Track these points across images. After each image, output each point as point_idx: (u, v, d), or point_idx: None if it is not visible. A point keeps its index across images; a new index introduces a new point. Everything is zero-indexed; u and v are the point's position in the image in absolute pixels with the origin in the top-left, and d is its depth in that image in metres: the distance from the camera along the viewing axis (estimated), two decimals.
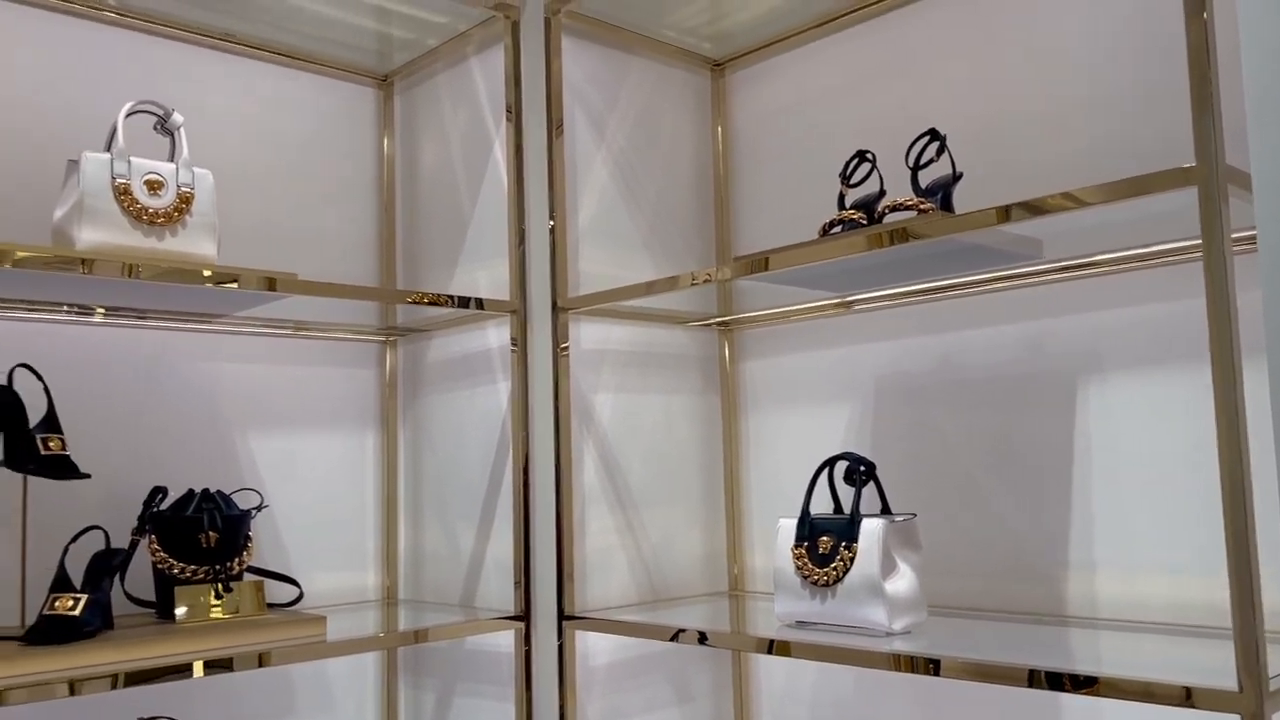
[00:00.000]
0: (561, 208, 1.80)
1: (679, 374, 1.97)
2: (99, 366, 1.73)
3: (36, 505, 1.64)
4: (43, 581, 1.62)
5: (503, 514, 1.85)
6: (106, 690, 1.64)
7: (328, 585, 1.97)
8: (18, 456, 1.48)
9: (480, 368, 1.92)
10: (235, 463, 1.87)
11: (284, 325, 1.92)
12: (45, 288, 1.52)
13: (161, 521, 1.59)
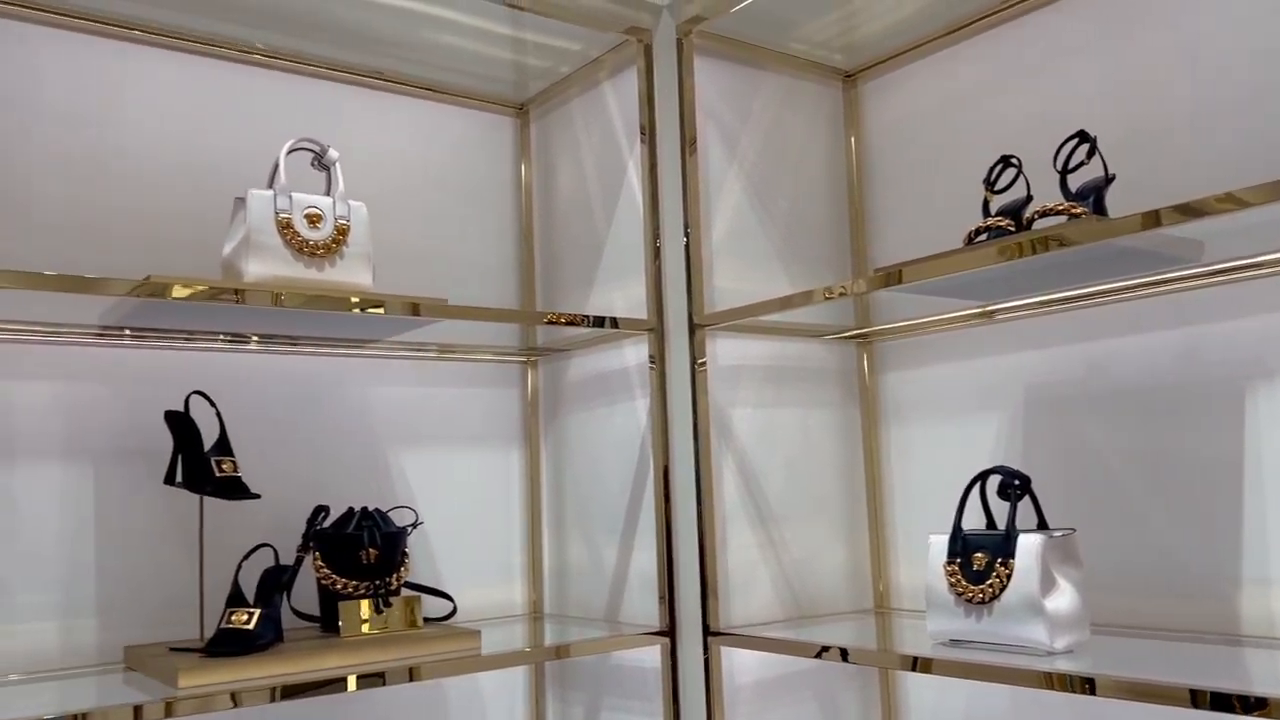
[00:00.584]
0: (696, 224, 1.82)
1: (817, 387, 1.96)
2: (265, 392, 1.83)
3: (211, 524, 1.74)
4: (218, 596, 1.71)
5: (644, 529, 1.87)
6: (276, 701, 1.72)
7: (477, 600, 2.02)
8: (195, 478, 1.58)
9: (619, 385, 1.95)
10: (390, 481, 1.94)
11: (429, 348, 2.00)
12: (217, 319, 1.61)
13: (324, 539, 1.67)
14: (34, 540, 1.60)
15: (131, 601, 1.66)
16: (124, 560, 1.67)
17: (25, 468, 1.60)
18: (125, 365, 1.71)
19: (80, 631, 1.62)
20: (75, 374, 1.66)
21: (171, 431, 1.61)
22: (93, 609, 1.63)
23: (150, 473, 1.70)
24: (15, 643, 1.57)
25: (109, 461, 1.67)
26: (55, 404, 1.64)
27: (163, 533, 1.70)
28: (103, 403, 1.68)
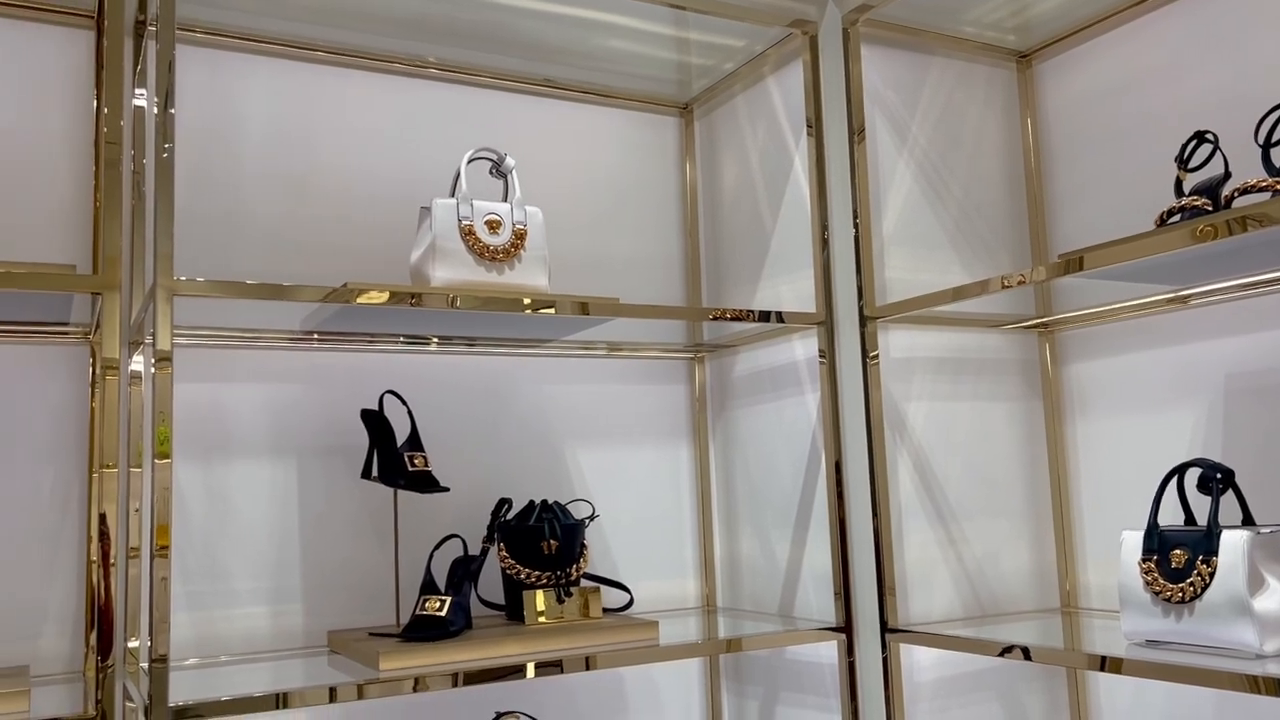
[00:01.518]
0: (865, 215, 1.80)
1: (996, 380, 1.90)
2: (448, 391, 1.91)
3: (404, 516, 1.84)
4: (412, 584, 1.81)
5: (817, 525, 1.86)
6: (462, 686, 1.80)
7: (651, 592, 2.06)
8: (390, 472, 1.68)
9: (787, 380, 1.94)
10: (566, 475, 2.00)
11: (599, 346, 2.05)
12: (405, 322, 1.70)
13: (508, 530, 1.74)
14: (246, 531, 1.73)
15: (333, 589, 1.78)
16: (325, 550, 1.78)
17: (238, 465, 1.74)
18: (323, 368, 1.82)
19: (288, 616, 1.74)
20: (279, 377, 1.79)
21: (367, 429, 1.71)
22: (299, 595, 1.75)
23: (348, 468, 1.81)
24: (232, 626, 1.70)
25: (311, 458, 1.79)
26: (262, 405, 1.77)
27: (360, 524, 1.81)
28: (304, 403, 1.80)
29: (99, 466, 1.51)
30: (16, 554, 1.57)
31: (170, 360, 1.30)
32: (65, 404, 1.63)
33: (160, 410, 1.29)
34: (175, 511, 1.67)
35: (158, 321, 1.31)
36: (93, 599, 1.58)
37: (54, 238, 1.65)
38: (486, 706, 1.86)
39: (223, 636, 1.69)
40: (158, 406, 1.29)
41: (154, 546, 1.27)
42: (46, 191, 1.66)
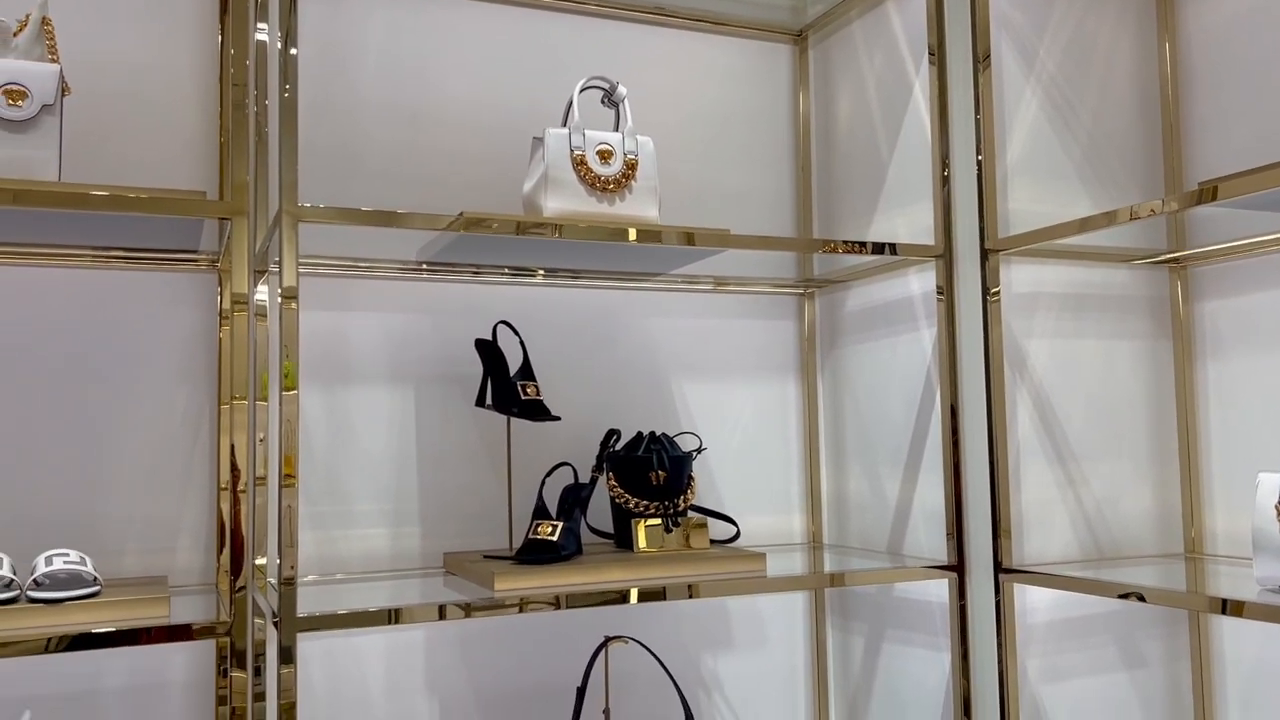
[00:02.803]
0: (989, 144, 1.73)
1: (1123, 317, 1.82)
2: (558, 324, 1.93)
3: (516, 444, 1.87)
4: (523, 509, 1.84)
5: (929, 463, 1.83)
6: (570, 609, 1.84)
7: (756, 528, 2.06)
8: (503, 401, 1.71)
9: (901, 316, 1.90)
10: (673, 409, 2.01)
11: (705, 281, 2.03)
12: (518, 252, 1.72)
13: (617, 460, 1.75)
14: (367, 456, 1.78)
15: (448, 513, 1.82)
16: (441, 476, 1.83)
17: (358, 392, 1.79)
18: (437, 298, 1.85)
19: (406, 539, 1.80)
20: (396, 307, 1.83)
21: (481, 358, 1.74)
22: (416, 518, 1.81)
23: (463, 396, 1.85)
24: (353, 546, 1.77)
25: (427, 386, 1.83)
26: (379, 334, 1.81)
27: (474, 451, 1.85)
28: (419, 333, 1.84)
29: (229, 398, 1.58)
30: (153, 472, 1.66)
31: (296, 296, 1.34)
32: (194, 330, 1.70)
33: (287, 344, 1.33)
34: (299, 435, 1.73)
35: (283, 248, 1.34)
36: (223, 522, 1.66)
37: (183, 169, 1.71)
38: (595, 631, 1.90)
39: (343, 556, 1.75)
40: (284, 341, 1.33)
41: (281, 477, 1.32)
42: (177, 125, 1.71)
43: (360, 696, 1.75)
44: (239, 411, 1.40)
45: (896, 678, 1.90)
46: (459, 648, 1.82)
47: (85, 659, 1.60)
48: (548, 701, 1.86)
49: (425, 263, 1.81)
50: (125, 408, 1.65)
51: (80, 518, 1.60)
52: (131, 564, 1.63)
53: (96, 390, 1.63)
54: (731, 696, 2.01)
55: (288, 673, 1.30)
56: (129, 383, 1.65)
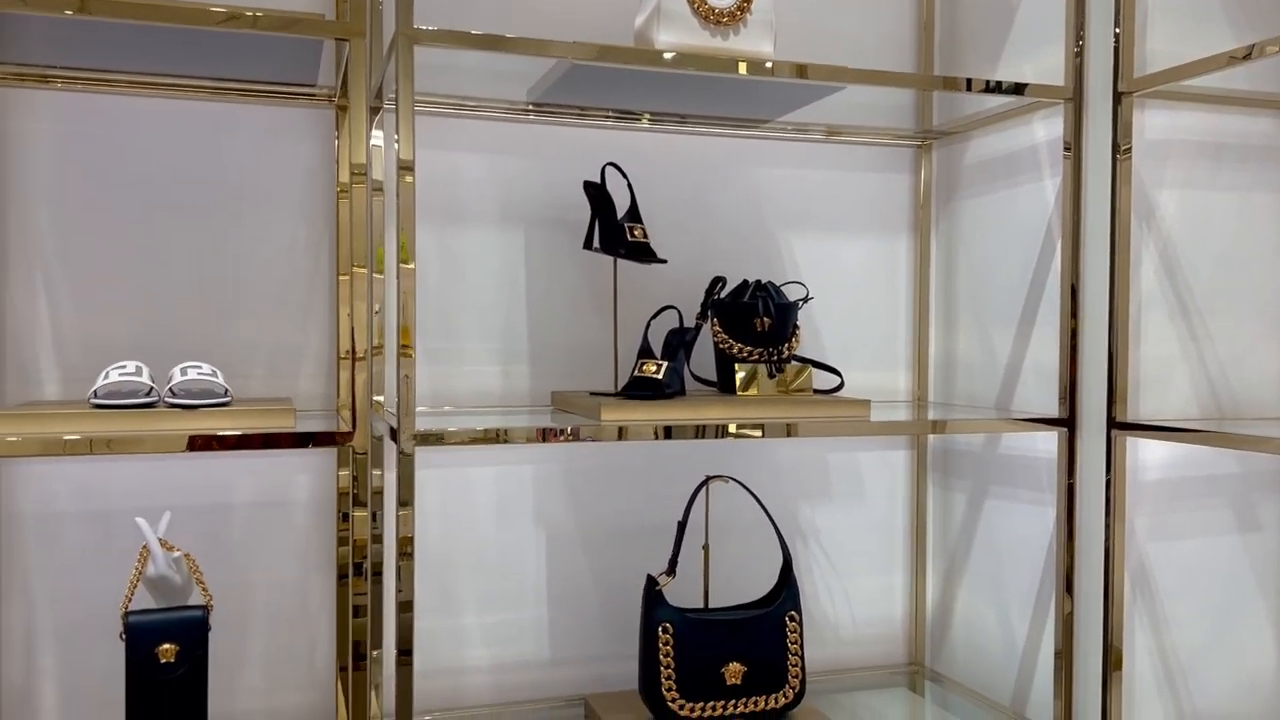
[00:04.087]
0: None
1: (1264, 168, 1.72)
2: (665, 169, 1.91)
3: (621, 287, 1.88)
4: (628, 351, 1.86)
5: (1045, 319, 1.78)
6: (682, 446, 1.87)
7: (859, 383, 2.05)
8: (610, 242, 1.71)
9: (1024, 166, 1.83)
10: (779, 259, 1.99)
11: (816, 129, 1.98)
12: (627, 93, 1.70)
13: (722, 307, 1.75)
14: (478, 295, 1.82)
15: (555, 353, 1.86)
16: (549, 316, 1.86)
17: (470, 232, 1.81)
18: (545, 140, 1.85)
19: (515, 377, 1.85)
20: (505, 148, 1.83)
21: (589, 199, 1.74)
22: (525, 357, 1.85)
23: (570, 239, 1.86)
24: (465, 382, 1.82)
25: (535, 228, 1.85)
26: (489, 175, 1.82)
27: (580, 293, 1.87)
28: (527, 174, 1.84)
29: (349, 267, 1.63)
30: (276, 301, 1.72)
31: (412, 169, 1.35)
32: (312, 165, 1.74)
33: (403, 214, 1.35)
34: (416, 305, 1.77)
35: (399, 73, 1.35)
36: (338, 354, 1.73)
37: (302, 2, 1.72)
38: (696, 472, 1.94)
39: (455, 391, 1.81)
40: (401, 212, 1.35)
41: (399, 348, 1.35)
42: None
43: (469, 529, 1.82)
44: (359, 281, 1.42)
45: (997, 533, 1.89)
46: (564, 484, 1.87)
47: (216, 474, 1.70)
48: (648, 537, 1.91)
49: (534, 103, 1.80)
50: (249, 239, 1.71)
51: (210, 340, 1.69)
52: (256, 388, 1.71)
53: (221, 220, 1.70)
54: (828, 546, 2.03)
55: (405, 475, 1.36)
56: (252, 215, 1.71)
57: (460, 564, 1.82)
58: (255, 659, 1.73)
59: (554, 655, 1.87)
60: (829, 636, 2.03)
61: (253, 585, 1.72)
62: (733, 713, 1.65)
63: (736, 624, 1.67)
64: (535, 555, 1.86)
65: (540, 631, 1.87)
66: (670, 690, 1.63)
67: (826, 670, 2.02)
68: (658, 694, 1.63)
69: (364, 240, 1.40)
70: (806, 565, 2.02)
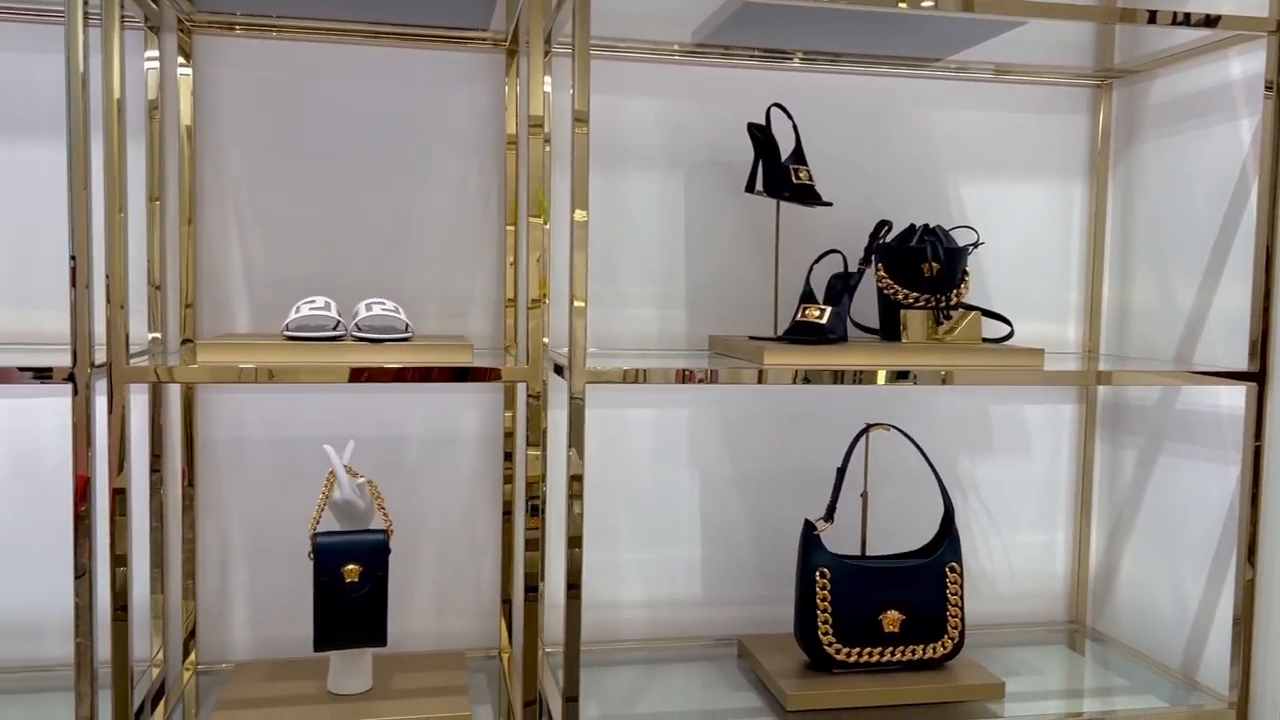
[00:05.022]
0: None
1: None
2: (832, 112, 1.88)
3: (783, 231, 1.87)
4: (788, 296, 1.85)
5: (1234, 268, 1.68)
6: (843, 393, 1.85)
7: (1029, 333, 1.98)
8: (774, 185, 1.70)
9: (1215, 106, 1.71)
10: (946, 204, 1.93)
11: (984, 68, 1.90)
12: (794, 33, 1.67)
13: (888, 251, 1.72)
14: (637, 239, 1.84)
15: (714, 297, 1.86)
16: (708, 260, 1.86)
17: (630, 175, 1.83)
18: (708, 83, 1.84)
19: (672, 321, 1.86)
20: (668, 91, 1.83)
21: (753, 141, 1.73)
22: (682, 302, 1.86)
23: (731, 182, 1.85)
24: (624, 326, 1.84)
25: (697, 171, 1.84)
26: (652, 118, 1.83)
27: (740, 237, 1.86)
28: (690, 117, 1.84)
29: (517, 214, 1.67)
30: (448, 244, 1.78)
31: (587, 119, 1.36)
32: (483, 111, 1.77)
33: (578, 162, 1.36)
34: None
35: (576, 20, 1.36)
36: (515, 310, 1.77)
37: None
38: (855, 420, 1.92)
39: (614, 333, 1.84)
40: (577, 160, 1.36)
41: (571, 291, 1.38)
42: None
43: (626, 468, 1.86)
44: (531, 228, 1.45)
45: (1171, 493, 1.82)
46: (720, 428, 1.89)
47: (392, 408, 1.78)
48: (802, 483, 1.91)
49: (699, 45, 1.79)
50: (421, 181, 1.76)
51: (387, 280, 1.75)
52: (429, 327, 1.77)
53: (397, 163, 1.75)
54: (988, 499, 1.99)
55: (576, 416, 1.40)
56: (425, 159, 1.76)
57: (617, 502, 1.86)
58: (425, 584, 1.81)
59: (706, 595, 1.90)
60: (986, 590, 2.00)
61: (423, 515, 1.80)
62: (890, 659, 1.64)
63: (895, 572, 1.66)
64: (690, 496, 1.89)
65: (693, 571, 1.90)
66: (826, 634, 1.63)
67: (982, 624, 1.99)
68: (814, 638, 1.64)
69: (539, 187, 1.42)
70: (964, 518, 1.98)
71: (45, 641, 1.69)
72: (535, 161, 1.41)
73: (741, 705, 1.62)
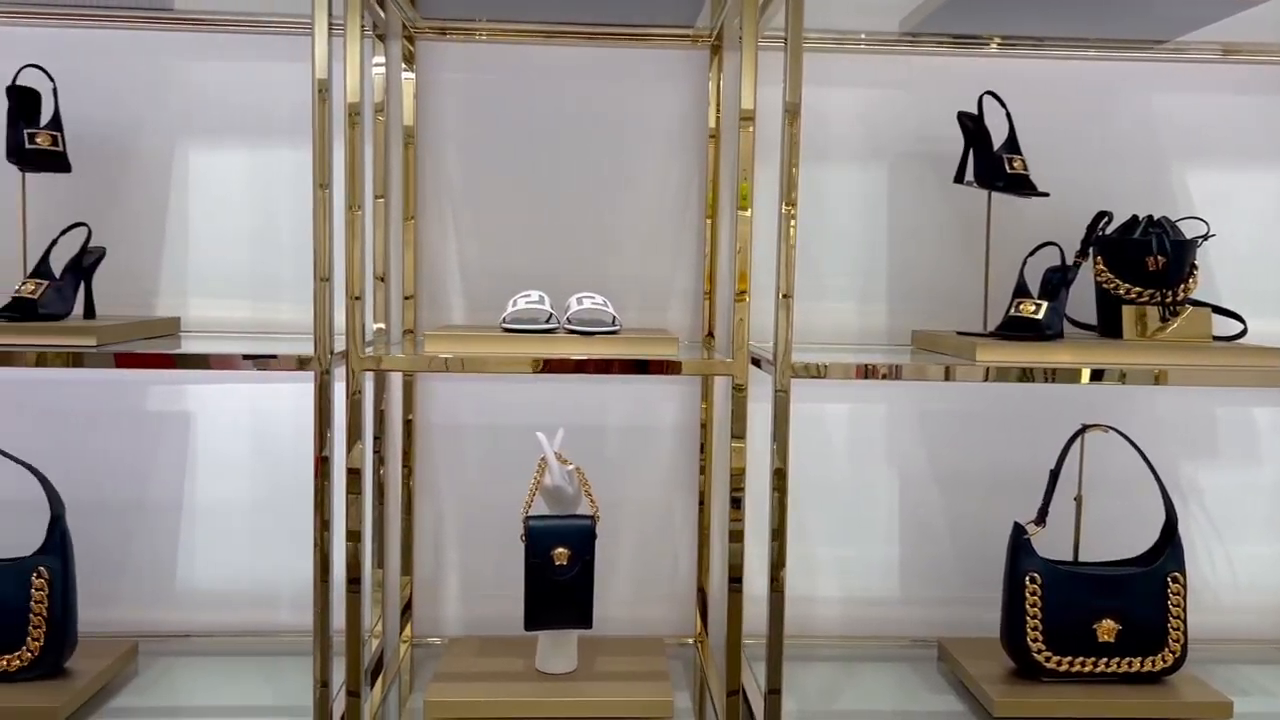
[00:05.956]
0: None
1: None
2: (1047, 98, 1.80)
3: (994, 223, 1.80)
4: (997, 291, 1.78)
5: None
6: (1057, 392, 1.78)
7: (1259, 332, 1.85)
8: (986, 175, 1.65)
9: None
10: (1170, 194, 1.83)
11: (1210, 48, 1.78)
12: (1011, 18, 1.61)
13: (1108, 244, 1.64)
14: (837, 230, 1.82)
15: (917, 291, 1.82)
16: (912, 253, 1.82)
17: (832, 166, 1.81)
18: (916, 72, 1.80)
19: (873, 315, 1.83)
20: (873, 82, 1.80)
21: (963, 131, 1.68)
22: (883, 295, 1.83)
23: (938, 173, 1.81)
24: (822, 319, 1.83)
25: (900, 161, 1.81)
26: (856, 109, 1.80)
27: (947, 230, 1.82)
28: (896, 108, 1.80)
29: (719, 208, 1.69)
30: (650, 237, 1.81)
31: (799, 113, 1.36)
32: (685, 108, 1.79)
33: (790, 154, 1.36)
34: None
35: (791, 12, 1.36)
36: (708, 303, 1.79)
37: None
38: (1066, 420, 1.84)
39: (812, 326, 1.82)
40: (787, 151, 1.36)
41: (778, 286, 1.39)
42: None
43: (823, 462, 1.85)
44: (741, 223, 1.45)
45: None
46: (919, 425, 1.85)
47: (594, 398, 1.83)
48: (1007, 484, 1.85)
49: (908, 34, 1.75)
50: (625, 177, 1.80)
51: (593, 273, 1.80)
52: (630, 319, 1.81)
53: (603, 160, 1.80)
54: (1211, 508, 1.87)
55: (781, 409, 1.40)
56: (629, 155, 1.80)
57: (813, 495, 1.85)
58: (623, 570, 1.86)
59: (904, 594, 1.87)
60: (1208, 602, 1.88)
61: (621, 502, 1.84)
62: (1104, 670, 1.57)
63: (1112, 580, 1.58)
64: (888, 493, 1.86)
65: (891, 569, 1.87)
66: (1036, 641, 1.58)
67: (1203, 639, 1.87)
68: (1022, 644, 1.58)
69: (746, 180, 1.43)
70: (1184, 525, 1.87)
71: (277, 609, 1.82)
72: (745, 154, 1.42)
73: (944, 709, 1.59)
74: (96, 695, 1.55)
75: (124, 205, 1.75)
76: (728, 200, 1.79)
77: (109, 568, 1.80)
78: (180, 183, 1.76)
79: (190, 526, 1.81)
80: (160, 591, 1.81)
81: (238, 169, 1.76)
